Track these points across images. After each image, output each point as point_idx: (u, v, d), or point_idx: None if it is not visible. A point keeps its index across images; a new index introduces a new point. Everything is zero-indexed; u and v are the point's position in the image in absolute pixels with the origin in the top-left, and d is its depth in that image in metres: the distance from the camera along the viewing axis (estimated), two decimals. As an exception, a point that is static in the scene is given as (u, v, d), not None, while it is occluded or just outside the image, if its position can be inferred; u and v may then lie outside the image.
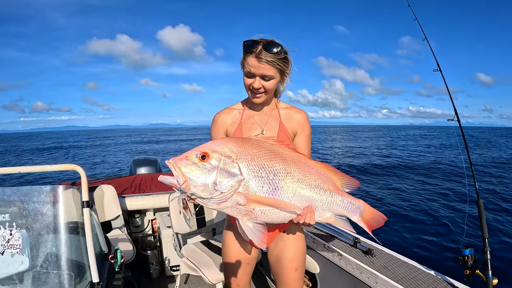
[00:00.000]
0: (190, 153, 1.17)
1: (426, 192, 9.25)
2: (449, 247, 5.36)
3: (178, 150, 27.83)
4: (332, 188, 1.31)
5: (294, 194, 1.22)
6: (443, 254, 5.15)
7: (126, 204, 3.53)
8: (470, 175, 1.96)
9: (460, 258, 1.89)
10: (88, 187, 1.73)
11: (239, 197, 1.15)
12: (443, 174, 12.12)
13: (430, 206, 7.78)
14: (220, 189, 1.12)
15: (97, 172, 16.72)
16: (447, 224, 6.50)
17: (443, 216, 6.98)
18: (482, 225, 1.86)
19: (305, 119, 1.65)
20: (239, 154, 1.18)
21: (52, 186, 1.66)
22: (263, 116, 1.65)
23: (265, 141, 1.28)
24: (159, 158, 5.08)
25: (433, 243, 5.60)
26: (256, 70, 1.43)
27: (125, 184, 3.84)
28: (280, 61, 1.44)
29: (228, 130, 1.65)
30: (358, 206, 1.36)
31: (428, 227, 6.37)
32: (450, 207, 7.64)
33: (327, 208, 1.30)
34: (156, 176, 4.06)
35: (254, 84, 1.47)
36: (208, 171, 1.13)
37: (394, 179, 11.49)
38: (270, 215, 1.21)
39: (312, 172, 1.28)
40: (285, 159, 1.25)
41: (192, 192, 1.12)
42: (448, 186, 9.97)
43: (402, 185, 10.48)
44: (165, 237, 3.30)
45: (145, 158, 4.85)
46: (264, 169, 1.19)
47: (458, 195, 8.76)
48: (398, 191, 9.39)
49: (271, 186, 1.18)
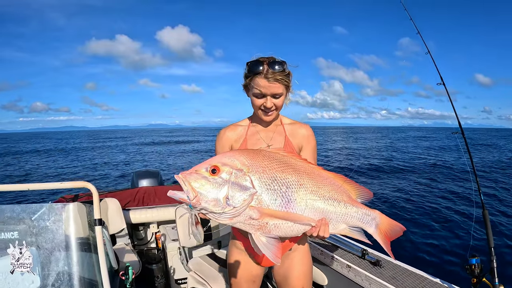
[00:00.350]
0: (200, 166, 1.14)
1: (430, 199, 9.22)
2: (455, 256, 5.34)
3: (181, 156, 27.74)
4: (346, 199, 1.28)
5: (308, 206, 1.19)
6: (449, 263, 5.13)
7: (130, 217, 3.53)
8: (475, 185, 1.99)
9: (467, 267, 1.91)
10: (91, 200, 1.75)
11: (252, 211, 1.12)
12: (446, 180, 12.09)
13: (434, 214, 7.74)
14: (233, 203, 1.09)
15: (98, 174, 16.62)
16: (453, 233, 6.48)
17: (448, 225, 6.95)
18: (488, 235, 1.89)
19: (310, 133, 1.67)
20: (250, 166, 1.15)
21: (62, 204, 1.67)
22: (268, 132, 1.66)
23: (277, 152, 1.26)
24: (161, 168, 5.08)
25: (439, 252, 5.58)
26: (267, 90, 1.45)
27: (128, 197, 3.84)
28: (286, 77, 1.47)
29: (233, 146, 1.66)
30: (374, 217, 1.32)
31: (433, 236, 6.34)
32: (454, 215, 7.61)
33: (342, 220, 1.27)
34: (159, 189, 4.06)
35: (266, 104, 1.48)
36: (219, 185, 1.09)
37: (395, 184, 11.48)
38: (284, 229, 1.18)
39: (326, 183, 1.25)
40: (297, 170, 1.22)
41: (203, 207, 1.09)
42: (452, 193, 9.95)
43: (404, 190, 10.46)
44: (170, 250, 3.29)
45: (147, 170, 4.85)
46: (276, 182, 1.15)
47: (462, 203, 8.75)
48: (400, 198, 9.37)
49: (284, 199, 1.15)
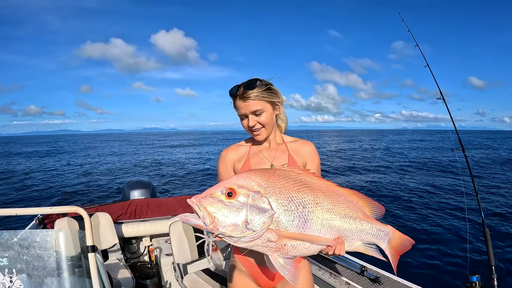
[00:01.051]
0: (215, 190, 1.11)
1: (427, 213, 9.25)
2: (455, 272, 5.36)
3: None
4: (361, 216, 1.28)
5: (324, 225, 1.18)
6: (449, 280, 5.15)
7: (122, 231, 3.46)
8: (474, 203, 1.98)
9: (468, 285, 1.91)
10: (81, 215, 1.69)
11: (270, 234, 1.09)
12: (444, 194, 12.14)
13: (432, 229, 7.77)
14: (252, 227, 1.06)
15: (90, 181, 16.37)
16: (452, 249, 6.49)
17: (447, 241, 6.97)
18: (489, 253, 1.89)
19: (313, 151, 1.67)
20: (267, 187, 1.12)
21: (54, 230, 1.62)
22: (271, 151, 1.66)
23: (291, 171, 1.24)
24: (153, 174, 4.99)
25: (439, 268, 5.59)
26: (245, 109, 1.50)
27: (120, 210, 3.76)
28: (263, 93, 1.49)
29: (235, 166, 1.65)
30: (387, 233, 1.34)
31: (433, 252, 6.34)
32: (453, 231, 7.62)
33: (357, 237, 1.27)
34: (151, 201, 4.00)
35: (249, 124, 1.52)
36: (237, 209, 1.06)
37: (391, 200, 11.53)
38: (301, 249, 1.17)
39: (341, 200, 1.25)
40: (313, 188, 1.20)
41: (221, 232, 1.05)
42: (450, 207, 10.01)
43: (400, 203, 10.51)
44: (164, 265, 3.23)
45: (139, 181, 4.77)
46: (293, 202, 1.14)
47: (461, 217, 8.80)
48: (398, 212, 9.41)
49: (301, 219, 1.13)
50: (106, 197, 12.36)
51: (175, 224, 2.87)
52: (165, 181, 16.36)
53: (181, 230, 2.85)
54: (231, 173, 1.64)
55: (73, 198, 12.27)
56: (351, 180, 16.44)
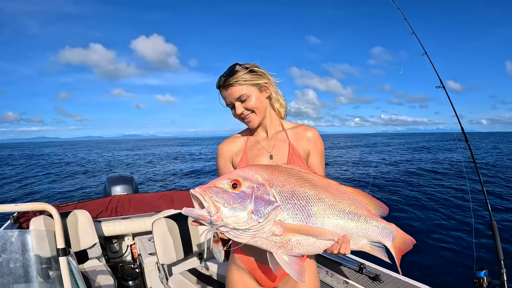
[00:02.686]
0: (219, 181, 1.08)
1: (430, 208, 9.29)
2: (460, 268, 5.36)
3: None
4: (366, 214, 1.24)
5: (328, 221, 1.14)
6: (455, 276, 5.14)
7: (102, 229, 3.27)
8: (478, 196, 1.89)
9: (476, 281, 1.84)
10: (60, 213, 1.49)
11: (275, 227, 1.05)
12: (446, 188, 12.24)
13: (436, 224, 7.79)
14: (258, 218, 1.02)
15: (69, 185, 15.92)
16: (457, 244, 6.51)
17: (452, 235, 7.00)
18: (497, 247, 1.81)
19: (317, 136, 1.55)
20: (271, 180, 1.10)
21: (20, 231, 1.43)
22: (269, 141, 1.56)
23: (293, 168, 1.21)
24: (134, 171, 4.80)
25: (443, 264, 5.60)
26: (229, 97, 1.44)
27: (100, 207, 3.57)
28: (244, 76, 1.41)
29: (233, 159, 1.58)
30: (392, 231, 1.30)
31: (436, 247, 6.36)
32: (458, 225, 7.66)
33: (363, 234, 1.22)
34: (133, 197, 3.81)
35: (236, 111, 1.46)
36: (243, 199, 1.03)
37: (395, 195, 11.54)
38: (306, 246, 1.12)
39: (345, 197, 1.21)
40: (315, 185, 1.17)
41: (225, 223, 1.01)
42: (454, 200, 10.09)
43: (403, 200, 10.53)
44: (148, 266, 3.05)
45: (120, 176, 4.56)
46: (296, 196, 1.10)
47: (465, 210, 8.85)
48: (399, 208, 9.41)
49: (304, 213, 1.09)
50: (87, 195, 12.01)
51: (159, 222, 2.70)
52: (147, 177, 16.08)
53: (165, 228, 2.68)
54: (230, 167, 1.58)
55: (53, 197, 11.89)
56: (356, 173, 16.50)
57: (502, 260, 1.78)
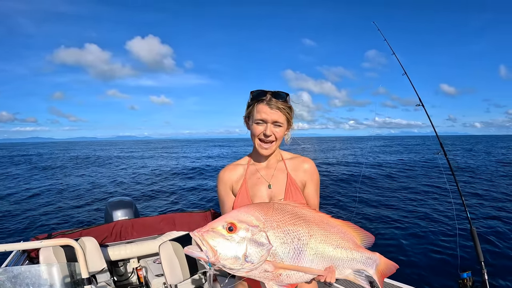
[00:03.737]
0: (216, 224, 1.17)
1: (413, 214, 9.53)
2: (445, 270, 5.58)
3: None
4: (352, 246, 1.36)
5: (317, 255, 1.26)
6: (440, 278, 5.36)
7: (109, 254, 3.40)
8: (459, 202, 2.07)
9: (460, 282, 2.00)
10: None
11: (267, 265, 1.17)
12: (429, 196, 12.49)
13: (421, 230, 8.04)
14: (251, 260, 1.14)
15: (65, 201, 15.77)
16: (441, 247, 6.75)
17: (436, 240, 7.25)
18: (477, 250, 1.98)
19: (313, 168, 1.66)
20: (265, 222, 1.21)
21: (46, 265, 1.58)
22: (268, 170, 1.65)
23: (287, 204, 1.32)
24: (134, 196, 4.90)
25: (429, 267, 5.80)
26: (268, 116, 1.49)
27: (105, 233, 3.70)
28: (288, 109, 1.53)
29: (233, 187, 1.65)
30: (375, 260, 1.42)
31: (422, 252, 6.58)
32: (441, 229, 7.93)
33: (348, 265, 1.35)
34: (136, 222, 3.95)
35: (266, 131, 1.50)
36: (238, 243, 1.14)
37: (376, 201, 11.75)
38: (294, 278, 1.25)
39: (333, 231, 1.33)
40: (308, 221, 1.29)
41: (222, 264, 1.13)
42: (436, 206, 10.36)
43: (386, 206, 10.76)
44: (154, 286, 3.19)
45: (120, 200, 4.69)
46: (289, 235, 1.22)
47: (447, 216, 9.10)
48: (382, 214, 9.62)
49: (296, 251, 1.22)
50: (85, 218, 11.98)
51: (165, 245, 2.84)
52: (145, 197, 16.06)
53: (171, 250, 2.83)
54: (229, 194, 1.65)
55: (50, 221, 11.85)
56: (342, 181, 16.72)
57: (482, 262, 1.95)
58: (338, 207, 11.26)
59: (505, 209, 9.85)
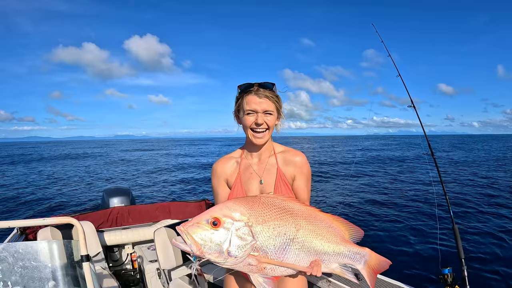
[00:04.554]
0: (201, 218, 1.21)
1: (398, 211, 9.71)
2: (427, 266, 5.70)
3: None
4: (339, 241, 1.37)
5: (303, 249, 1.28)
6: (423, 273, 5.49)
7: (104, 239, 3.48)
8: (442, 200, 2.16)
9: (441, 277, 2.08)
10: (64, 224, 1.73)
11: (251, 259, 1.21)
12: (413, 194, 12.68)
13: (405, 226, 8.22)
14: (234, 254, 1.17)
15: (63, 188, 15.85)
16: (424, 244, 6.90)
17: (419, 236, 7.41)
18: (458, 247, 2.07)
19: (303, 162, 1.68)
20: (250, 216, 1.23)
21: (48, 242, 1.65)
22: (261, 165, 1.69)
23: (276, 197, 1.34)
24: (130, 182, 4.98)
25: (412, 263, 5.93)
26: (258, 105, 1.53)
27: (101, 218, 3.78)
28: (276, 98, 1.57)
29: (228, 180, 1.70)
30: (364, 255, 1.43)
31: (406, 247, 6.74)
32: (424, 227, 8.11)
33: (334, 260, 1.37)
34: (132, 209, 4.03)
35: (257, 120, 1.54)
36: (221, 238, 1.17)
37: (362, 197, 11.90)
38: (279, 271, 1.29)
39: (321, 226, 1.35)
40: (295, 215, 1.31)
41: (207, 258, 1.17)
42: (420, 204, 10.55)
43: (370, 203, 10.93)
44: (148, 272, 3.27)
45: (117, 188, 4.77)
46: (274, 230, 1.24)
47: (430, 213, 9.27)
48: (367, 211, 9.79)
49: (281, 246, 1.24)
50: (82, 205, 12.08)
51: (159, 231, 2.92)
52: (142, 186, 16.17)
53: (165, 236, 2.91)
54: (223, 186, 1.70)
55: (45, 207, 11.92)
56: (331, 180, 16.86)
57: (463, 259, 2.04)
58: (327, 202, 11.44)
59: (487, 208, 10.07)
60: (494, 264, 5.79)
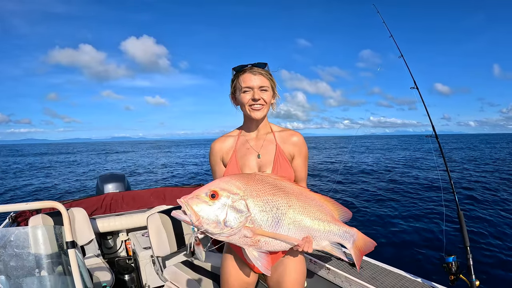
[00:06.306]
0: (200, 191, 1.27)
1: (403, 200, 9.72)
2: (432, 254, 5.71)
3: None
4: (329, 219, 1.45)
5: (295, 225, 1.36)
6: (427, 261, 5.49)
7: (98, 226, 3.42)
8: (446, 187, 2.08)
9: (445, 265, 2.03)
10: (57, 211, 1.65)
11: (246, 231, 1.28)
12: (418, 181, 12.70)
13: (410, 215, 8.22)
14: (230, 225, 1.25)
15: (61, 178, 15.85)
16: (428, 232, 6.91)
17: (424, 224, 7.42)
18: (464, 235, 2.00)
19: (301, 142, 1.71)
20: (245, 190, 1.30)
21: (32, 227, 1.58)
22: (258, 141, 1.71)
23: (269, 176, 1.42)
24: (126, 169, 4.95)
25: (416, 251, 5.94)
26: (254, 82, 1.57)
27: (95, 205, 3.71)
28: (270, 76, 1.62)
29: (224, 157, 1.73)
30: (352, 234, 1.52)
31: (410, 236, 6.74)
32: (429, 215, 8.13)
33: (325, 237, 1.45)
34: (126, 194, 3.95)
35: (254, 96, 1.57)
36: (218, 209, 1.25)
37: (367, 187, 11.89)
38: (273, 245, 1.35)
39: (312, 204, 1.42)
40: (287, 192, 1.38)
41: (205, 228, 1.25)
42: (425, 191, 10.54)
43: (376, 192, 10.95)
44: (143, 259, 3.22)
45: (112, 174, 4.70)
46: (268, 204, 1.32)
47: (435, 200, 9.26)
48: (373, 200, 9.80)
49: (274, 219, 1.32)
50: (79, 193, 12.07)
51: (153, 216, 2.85)
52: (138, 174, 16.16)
53: (159, 223, 2.84)
54: (220, 164, 1.75)
55: (43, 195, 11.90)
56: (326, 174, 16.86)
57: (468, 247, 1.97)
58: (320, 185, 11.46)
59: (493, 195, 10.07)
60: (501, 253, 5.78)
